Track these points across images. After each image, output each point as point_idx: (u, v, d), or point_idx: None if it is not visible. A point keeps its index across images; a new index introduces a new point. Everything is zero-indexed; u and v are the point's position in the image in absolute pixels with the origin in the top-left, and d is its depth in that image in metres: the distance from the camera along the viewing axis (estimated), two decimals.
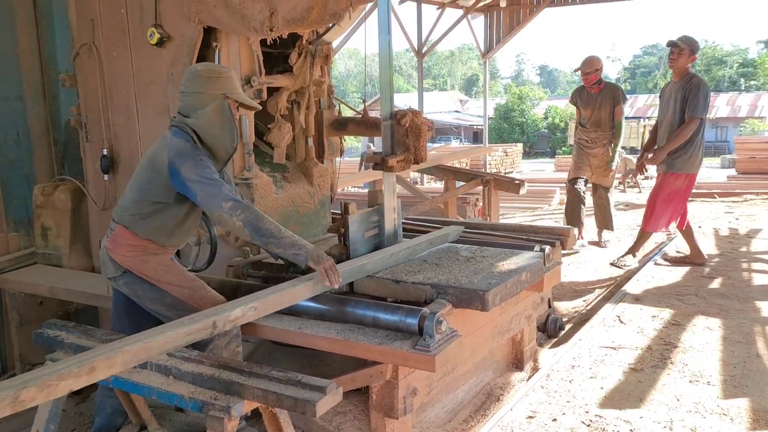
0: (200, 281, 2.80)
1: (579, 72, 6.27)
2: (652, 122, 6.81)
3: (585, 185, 6.48)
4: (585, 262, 5.96)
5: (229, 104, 2.68)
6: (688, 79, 5.23)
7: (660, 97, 5.62)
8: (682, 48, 5.21)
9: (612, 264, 5.82)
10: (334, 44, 4.11)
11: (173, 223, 2.72)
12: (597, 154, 6.29)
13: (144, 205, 2.66)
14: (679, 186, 5.36)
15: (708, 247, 6.24)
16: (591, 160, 6.32)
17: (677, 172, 5.33)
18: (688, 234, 5.63)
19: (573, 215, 6.44)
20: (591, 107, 6.26)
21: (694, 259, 5.64)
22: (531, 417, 3.14)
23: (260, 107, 3.17)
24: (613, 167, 6.36)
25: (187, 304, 2.68)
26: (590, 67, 6.18)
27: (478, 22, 15.29)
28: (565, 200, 6.82)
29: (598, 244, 6.54)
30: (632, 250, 5.86)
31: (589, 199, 6.64)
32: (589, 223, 6.82)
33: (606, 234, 6.59)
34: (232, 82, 2.72)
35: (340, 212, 3.18)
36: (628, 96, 7.59)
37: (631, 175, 14.65)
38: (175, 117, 2.74)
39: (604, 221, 6.49)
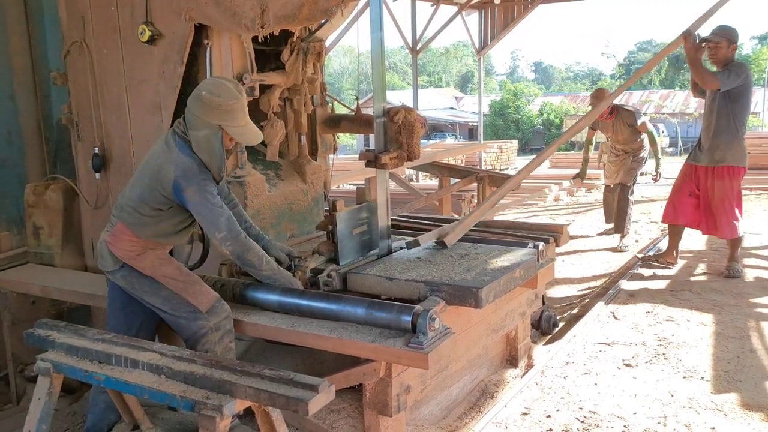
0: (195, 276, 2.83)
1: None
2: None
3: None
4: (580, 258, 5.96)
5: (222, 135, 2.67)
6: (725, 66, 4.89)
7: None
8: (719, 41, 4.86)
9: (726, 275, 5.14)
10: (328, 41, 4.10)
11: (172, 229, 2.77)
12: (625, 160, 6.46)
13: (145, 209, 2.68)
14: (728, 183, 5.01)
15: (701, 242, 6.25)
16: (620, 166, 6.53)
17: (725, 164, 4.98)
18: (675, 232, 5.41)
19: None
20: (609, 131, 6.48)
21: (666, 258, 5.47)
22: (525, 413, 3.14)
23: (260, 141, 2.94)
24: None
25: (180, 296, 2.71)
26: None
27: (473, 18, 15.30)
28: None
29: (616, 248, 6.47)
30: (731, 259, 5.25)
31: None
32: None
33: (626, 238, 6.54)
34: (232, 114, 2.63)
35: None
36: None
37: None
38: (180, 123, 2.72)
39: (617, 222, 6.62)
